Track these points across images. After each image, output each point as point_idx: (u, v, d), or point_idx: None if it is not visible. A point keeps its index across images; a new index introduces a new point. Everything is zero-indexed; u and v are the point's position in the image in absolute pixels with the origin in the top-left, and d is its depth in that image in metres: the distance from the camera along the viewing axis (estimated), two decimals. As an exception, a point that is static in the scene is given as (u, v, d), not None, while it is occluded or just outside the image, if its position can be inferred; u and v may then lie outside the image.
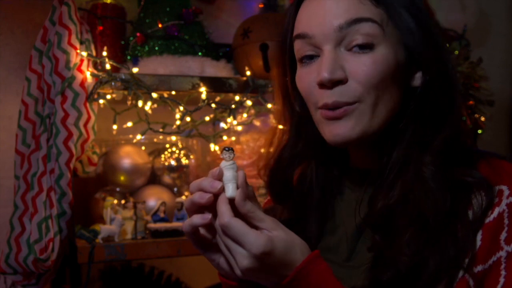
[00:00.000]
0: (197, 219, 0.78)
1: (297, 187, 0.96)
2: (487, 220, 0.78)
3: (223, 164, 0.78)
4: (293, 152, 0.94)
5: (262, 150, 0.99)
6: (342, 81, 0.81)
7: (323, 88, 0.82)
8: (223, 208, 0.76)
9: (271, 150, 0.97)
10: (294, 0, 0.89)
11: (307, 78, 0.85)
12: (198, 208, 0.79)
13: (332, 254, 0.90)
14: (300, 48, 0.86)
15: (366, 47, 0.81)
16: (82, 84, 1.50)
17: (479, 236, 0.78)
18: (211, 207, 0.78)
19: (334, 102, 0.81)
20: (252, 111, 1.69)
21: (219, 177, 0.77)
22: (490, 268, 0.77)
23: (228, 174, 0.77)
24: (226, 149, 0.78)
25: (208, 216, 0.78)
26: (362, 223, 0.86)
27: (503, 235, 0.77)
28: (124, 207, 1.62)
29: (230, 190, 0.76)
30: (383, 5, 0.82)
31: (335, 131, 0.83)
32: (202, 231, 0.82)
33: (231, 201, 0.76)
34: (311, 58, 0.85)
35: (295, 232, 0.89)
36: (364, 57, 0.81)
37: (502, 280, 0.76)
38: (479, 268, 0.77)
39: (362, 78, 0.80)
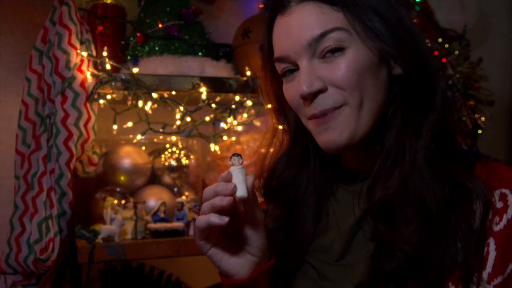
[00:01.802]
0: (215, 218, 0.79)
1: (292, 187, 0.97)
2: (497, 228, 0.79)
3: (233, 169, 0.81)
4: (290, 157, 0.97)
5: (263, 150, 1.00)
6: (321, 91, 0.83)
7: (306, 101, 0.85)
8: None
9: (271, 150, 0.99)
10: (267, 19, 0.91)
11: (291, 92, 0.88)
12: (216, 212, 0.81)
13: (324, 254, 0.91)
14: (280, 67, 0.89)
15: (337, 51, 0.83)
16: (82, 84, 1.50)
17: (492, 246, 0.78)
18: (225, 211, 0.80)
19: (321, 111, 0.84)
20: (252, 111, 1.69)
21: (229, 180, 0.80)
22: (509, 277, 0.77)
23: (238, 177, 0.80)
24: (235, 155, 0.82)
25: (226, 218, 0.79)
26: (363, 214, 0.86)
27: None
28: (124, 207, 1.62)
29: (241, 190, 0.79)
30: (344, 8, 0.83)
31: (326, 138, 0.85)
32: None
33: (241, 201, 0.80)
34: (291, 72, 0.88)
35: (288, 230, 0.93)
36: (337, 62, 0.83)
37: None
38: (499, 279, 0.77)
39: (339, 82, 0.82)
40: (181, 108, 1.61)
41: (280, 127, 0.99)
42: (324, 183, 0.96)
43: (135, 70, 1.56)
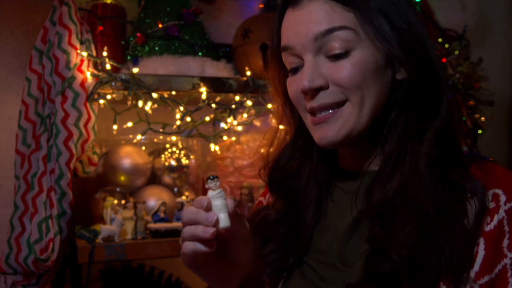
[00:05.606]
0: (201, 246, 0.78)
1: (295, 179, 0.98)
2: (487, 228, 0.78)
3: (211, 194, 0.77)
4: (294, 149, 0.98)
5: (262, 150, 1.01)
6: (323, 88, 0.85)
7: (307, 96, 0.86)
8: None
9: (271, 150, 1.00)
10: (277, 10, 0.93)
11: (293, 86, 0.89)
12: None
13: (323, 256, 0.92)
14: (286, 59, 0.91)
15: (343, 53, 0.84)
16: (82, 84, 1.50)
17: (482, 246, 0.78)
18: None
19: (321, 105, 0.85)
20: (252, 111, 1.69)
21: (208, 208, 0.77)
22: (497, 277, 0.77)
23: (217, 203, 0.76)
24: (211, 177, 0.77)
25: (212, 246, 0.78)
26: (360, 215, 0.86)
27: (505, 242, 0.78)
28: (124, 207, 1.62)
29: (223, 221, 0.76)
30: (355, 9, 0.84)
31: (322, 134, 0.86)
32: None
33: (224, 229, 0.76)
34: (297, 70, 0.89)
35: (289, 224, 0.94)
36: (342, 62, 0.84)
37: None
38: (486, 278, 0.77)
39: (342, 81, 0.83)
40: (181, 108, 1.61)
41: (281, 127, 1.00)
42: (325, 180, 0.97)
43: (135, 70, 1.57)
